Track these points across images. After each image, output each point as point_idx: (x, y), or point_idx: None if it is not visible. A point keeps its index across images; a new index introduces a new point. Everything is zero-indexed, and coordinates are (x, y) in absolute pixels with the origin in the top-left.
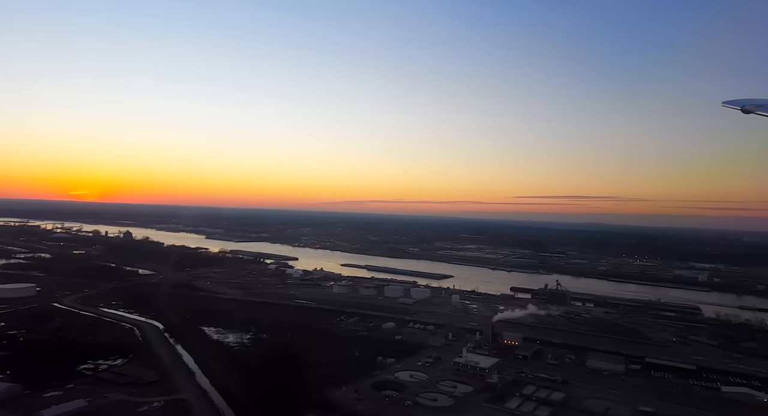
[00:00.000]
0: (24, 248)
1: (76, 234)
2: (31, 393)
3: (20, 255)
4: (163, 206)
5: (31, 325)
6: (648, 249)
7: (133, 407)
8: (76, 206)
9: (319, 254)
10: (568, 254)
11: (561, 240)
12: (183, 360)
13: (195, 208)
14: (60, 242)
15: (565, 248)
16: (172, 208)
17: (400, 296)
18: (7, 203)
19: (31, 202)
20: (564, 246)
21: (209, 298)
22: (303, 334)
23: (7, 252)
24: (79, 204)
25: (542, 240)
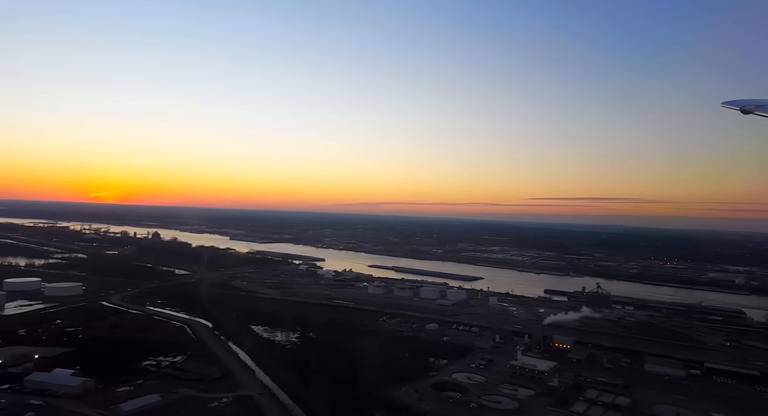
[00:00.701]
0: (59, 248)
1: (105, 236)
2: (105, 387)
3: (57, 256)
4: (181, 208)
5: (86, 323)
6: (676, 252)
7: (203, 403)
8: (98, 208)
9: (343, 255)
10: (595, 256)
11: (584, 242)
12: (239, 358)
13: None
14: (93, 243)
15: (590, 250)
16: (190, 209)
17: (435, 297)
18: (30, 205)
19: (54, 203)
20: (589, 249)
21: (249, 298)
22: (350, 334)
23: (45, 253)
24: (100, 205)
25: (566, 243)
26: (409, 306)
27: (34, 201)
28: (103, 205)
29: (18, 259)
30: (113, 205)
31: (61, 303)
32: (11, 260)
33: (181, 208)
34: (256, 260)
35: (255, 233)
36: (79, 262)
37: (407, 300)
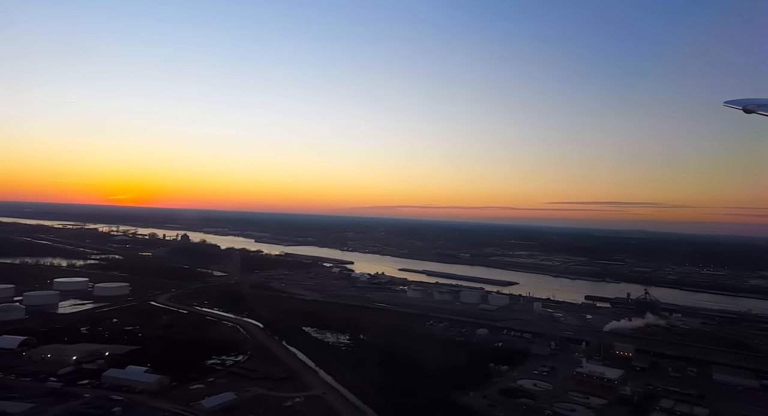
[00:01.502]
0: (94, 250)
1: (134, 237)
2: (178, 385)
3: (95, 257)
4: (200, 210)
5: (142, 321)
6: (709, 258)
7: (277, 401)
8: (118, 210)
9: (370, 258)
10: (627, 262)
11: (611, 247)
12: (298, 358)
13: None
14: (125, 244)
15: (621, 255)
16: (209, 212)
17: (477, 302)
18: (53, 207)
19: (75, 206)
20: (620, 254)
21: (292, 299)
22: (401, 337)
23: (82, 254)
24: (121, 208)
25: (594, 248)
26: (451, 310)
27: (56, 203)
28: (124, 208)
29: (57, 260)
30: (133, 208)
31: (112, 303)
32: (52, 261)
33: (200, 210)
34: (287, 262)
35: (279, 236)
36: (116, 263)
37: (448, 304)
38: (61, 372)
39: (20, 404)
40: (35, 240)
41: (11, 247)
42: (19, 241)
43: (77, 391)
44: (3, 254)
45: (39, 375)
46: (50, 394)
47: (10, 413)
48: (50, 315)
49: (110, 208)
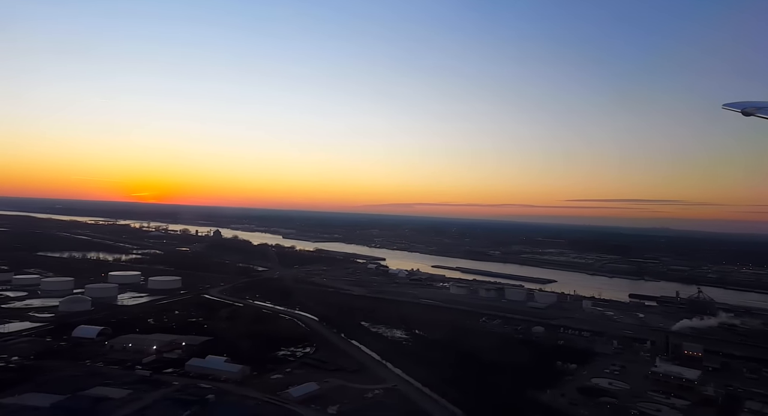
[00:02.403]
0: (133, 245)
1: (167, 233)
2: (258, 374)
3: (136, 252)
4: (220, 208)
5: (203, 314)
6: (746, 256)
7: (359, 393)
8: (143, 207)
9: (400, 255)
10: (662, 260)
11: (641, 245)
12: (363, 351)
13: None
14: (161, 240)
15: (653, 254)
16: (229, 209)
17: (523, 300)
18: (81, 204)
19: (101, 202)
20: (652, 252)
21: (339, 294)
22: (457, 333)
23: (123, 249)
24: (144, 205)
25: (624, 246)
26: (499, 307)
27: (81, 200)
28: (147, 205)
29: (101, 254)
30: (155, 205)
31: (168, 296)
32: (98, 255)
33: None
34: (321, 258)
35: (305, 232)
36: (158, 258)
37: (493, 301)
38: (146, 360)
39: (119, 390)
40: (75, 236)
41: (55, 242)
42: (60, 236)
43: (166, 379)
44: (50, 248)
45: (126, 363)
46: (142, 381)
47: (112, 398)
48: (113, 306)
49: (133, 204)
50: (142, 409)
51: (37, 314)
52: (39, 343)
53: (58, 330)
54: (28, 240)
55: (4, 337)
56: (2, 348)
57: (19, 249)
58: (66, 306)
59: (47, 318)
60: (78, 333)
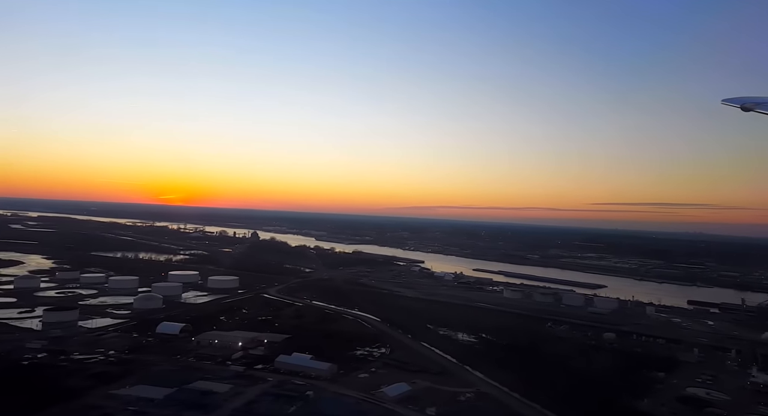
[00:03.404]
0: (177, 246)
1: (206, 235)
2: (345, 372)
3: (183, 253)
4: (246, 210)
5: (271, 312)
6: None
7: (451, 395)
8: (172, 209)
9: (436, 258)
10: (708, 265)
11: (681, 250)
12: (438, 353)
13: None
14: (204, 241)
15: (698, 259)
16: (254, 211)
17: (581, 305)
18: (113, 206)
19: (131, 205)
20: (695, 257)
21: (392, 296)
22: (527, 338)
23: (169, 250)
24: (172, 207)
25: (665, 250)
26: (558, 312)
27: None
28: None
29: (150, 255)
30: (183, 207)
31: (229, 295)
32: (148, 255)
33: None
34: (362, 260)
35: (336, 234)
36: (205, 258)
37: (551, 306)
38: (234, 356)
39: (221, 384)
40: (119, 237)
41: (105, 243)
42: (106, 237)
43: (259, 375)
44: (101, 248)
45: (216, 358)
46: (237, 376)
47: (216, 392)
48: (181, 304)
49: (162, 207)
50: (248, 403)
51: (115, 311)
52: (128, 338)
53: (141, 327)
54: (78, 240)
55: (94, 332)
56: (97, 343)
57: (74, 249)
58: (140, 303)
59: (125, 315)
60: (162, 330)
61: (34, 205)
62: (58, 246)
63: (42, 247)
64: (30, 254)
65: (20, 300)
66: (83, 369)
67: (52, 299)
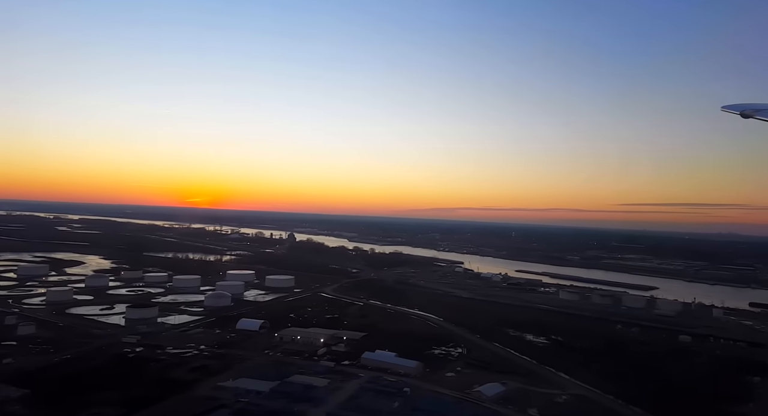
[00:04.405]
0: (221, 246)
1: (244, 236)
2: (431, 371)
3: (229, 253)
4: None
5: (335, 310)
6: None
7: (547, 397)
8: (201, 212)
9: (474, 259)
10: (757, 267)
11: (724, 251)
12: (515, 354)
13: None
14: (244, 242)
15: (747, 260)
16: (279, 213)
17: (643, 306)
18: (145, 209)
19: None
20: (740, 258)
21: (448, 296)
22: (603, 341)
23: (215, 250)
24: (200, 210)
25: (709, 252)
26: (621, 314)
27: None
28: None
29: (199, 255)
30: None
31: (287, 294)
32: (196, 256)
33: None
34: (404, 261)
35: (367, 236)
36: (250, 258)
37: (611, 307)
38: (320, 352)
39: (318, 379)
40: (163, 238)
41: (152, 244)
42: (152, 239)
43: (350, 370)
44: (150, 249)
45: (303, 354)
46: (330, 371)
47: (316, 386)
48: (246, 302)
49: (189, 209)
50: (350, 398)
51: (188, 308)
52: (212, 334)
53: (220, 323)
54: (127, 242)
55: (178, 328)
56: (186, 338)
57: (125, 250)
58: (210, 301)
59: (198, 312)
60: (242, 326)
61: (71, 209)
62: (109, 247)
63: (95, 248)
64: (87, 254)
65: (97, 298)
66: (183, 362)
67: (126, 297)
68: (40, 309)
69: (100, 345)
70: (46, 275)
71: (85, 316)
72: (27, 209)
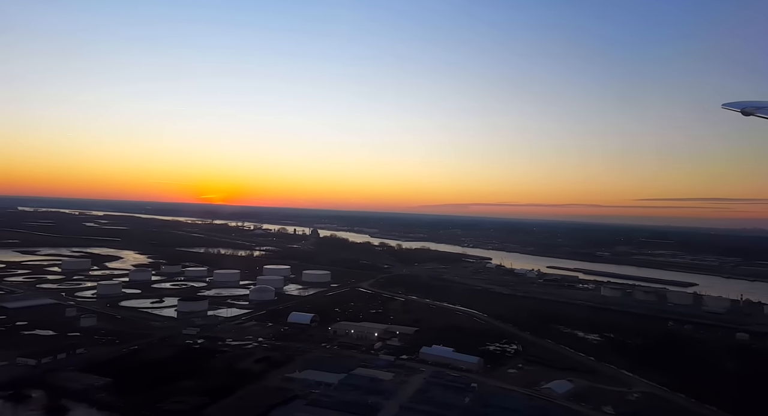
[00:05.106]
0: (250, 242)
1: (268, 232)
2: (493, 367)
3: (258, 248)
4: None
5: (375, 305)
6: None
7: (617, 395)
8: (218, 208)
9: (501, 255)
10: None
11: (756, 247)
12: (571, 351)
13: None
14: (270, 238)
15: None
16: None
17: (690, 303)
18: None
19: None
20: None
21: (487, 292)
22: (658, 338)
23: (243, 245)
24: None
25: (740, 248)
26: (669, 310)
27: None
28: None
29: (229, 250)
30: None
31: (325, 288)
32: (227, 251)
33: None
34: (431, 257)
35: (388, 232)
36: (279, 254)
37: (656, 304)
38: (376, 346)
39: (383, 372)
40: (190, 234)
41: (180, 239)
42: (178, 234)
43: (410, 365)
44: (180, 244)
45: (360, 347)
46: (391, 365)
47: (382, 379)
48: (289, 296)
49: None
50: (419, 391)
51: (235, 302)
52: (266, 327)
53: (270, 316)
54: (157, 237)
55: (232, 321)
56: (243, 330)
57: (157, 245)
58: (255, 295)
59: (245, 305)
60: (293, 319)
61: (90, 205)
62: (141, 242)
63: (127, 243)
64: (122, 250)
65: (144, 292)
66: (247, 354)
67: (172, 291)
68: (93, 301)
69: (162, 336)
70: (89, 269)
71: (139, 309)
72: (50, 205)
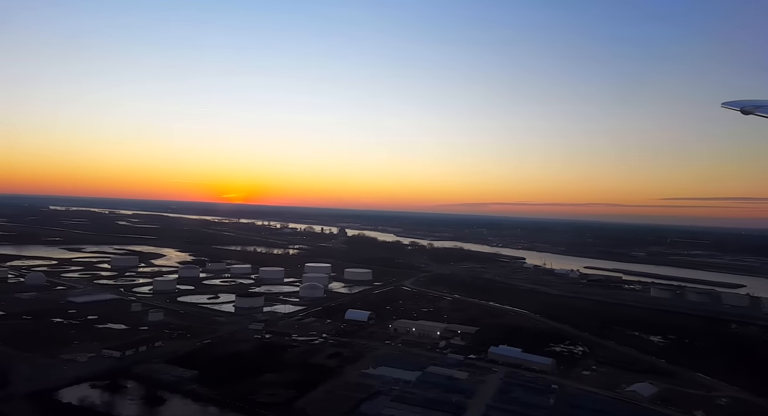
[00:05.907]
0: (282, 241)
1: (297, 230)
2: (566, 368)
3: (291, 247)
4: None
5: (428, 304)
6: None
7: (705, 399)
8: (240, 208)
9: (532, 255)
10: None
11: None
12: (638, 353)
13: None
14: (299, 237)
15: None
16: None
17: (747, 305)
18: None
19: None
20: None
21: (533, 292)
22: (724, 341)
23: (276, 244)
24: (239, 205)
25: None
26: (725, 312)
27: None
28: (242, 205)
29: (263, 248)
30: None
31: (369, 286)
32: (263, 249)
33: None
34: (465, 256)
35: (413, 231)
36: (313, 252)
37: (711, 305)
38: (441, 344)
39: (457, 371)
40: (221, 232)
41: (214, 237)
42: (209, 233)
43: (481, 364)
44: (214, 242)
45: (424, 346)
46: (462, 364)
47: (458, 378)
48: (337, 294)
49: (227, 205)
50: (500, 392)
51: (288, 298)
52: (325, 324)
53: (326, 313)
54: (191, 235)
55: (291, 317)
56: (304, 326)
57: (194, 243)
58: (305, 292)
59: (297, 302)
60: (350, 316)
61: (118, 204)
62: (177, 240)
63: (165, 241)
64: (162, 248)
65: (198, 288)
66: (317, 349)
67: (223, 287)
68: (150, 297)
69: (230, 331)
70: (137, 266)
71: (198, 305)
72: (78, 205)
